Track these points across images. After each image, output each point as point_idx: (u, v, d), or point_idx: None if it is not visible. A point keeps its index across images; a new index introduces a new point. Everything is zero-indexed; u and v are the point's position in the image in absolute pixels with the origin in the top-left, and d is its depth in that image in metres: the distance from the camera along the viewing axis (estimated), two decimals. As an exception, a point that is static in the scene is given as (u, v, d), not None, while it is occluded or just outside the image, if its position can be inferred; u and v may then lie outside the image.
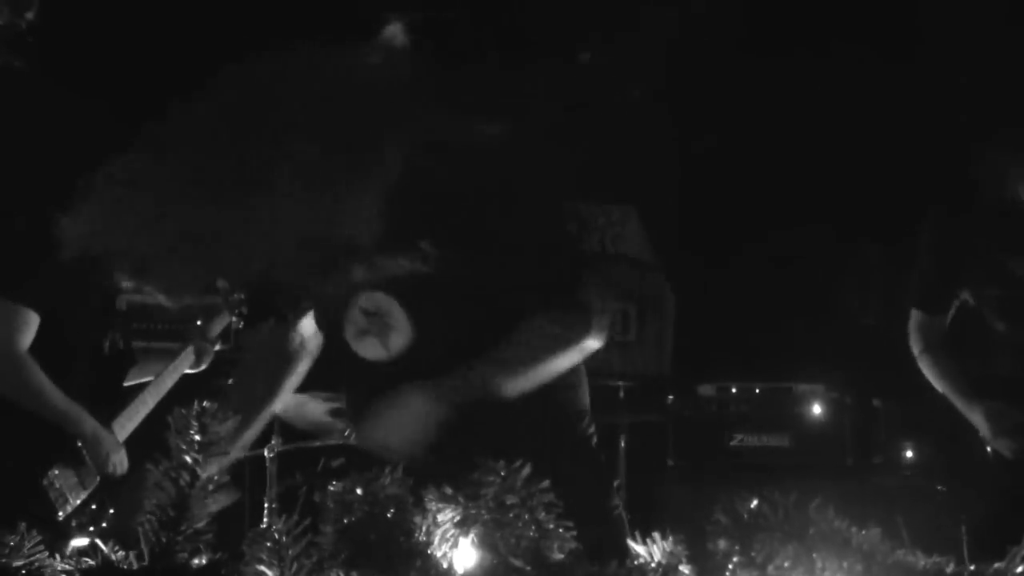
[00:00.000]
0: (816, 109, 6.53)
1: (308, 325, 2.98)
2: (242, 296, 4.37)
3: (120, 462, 3.89)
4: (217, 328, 4.37)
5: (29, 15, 2.25)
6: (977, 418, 3.93)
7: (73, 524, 3.79)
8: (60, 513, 3.76)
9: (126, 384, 4.18)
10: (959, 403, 4.00)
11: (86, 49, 5.99)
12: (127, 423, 4.03)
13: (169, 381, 4.19)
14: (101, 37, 6.15)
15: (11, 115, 5.57)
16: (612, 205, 6.96)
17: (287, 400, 3.28)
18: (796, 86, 6.55)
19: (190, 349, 4.29)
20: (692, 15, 6.53)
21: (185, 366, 4.28)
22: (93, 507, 3.88)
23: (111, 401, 4.08)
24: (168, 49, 6.45)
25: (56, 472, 3.79)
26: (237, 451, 3.05)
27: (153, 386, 4.15)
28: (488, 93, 2.57)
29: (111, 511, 3.89)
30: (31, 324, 3.81)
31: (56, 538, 2.24)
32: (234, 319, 4.38)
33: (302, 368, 3.03)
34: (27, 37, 2.28)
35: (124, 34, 6.28)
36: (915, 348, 4.12)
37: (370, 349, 2.69)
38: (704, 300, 6.96)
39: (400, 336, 2.66)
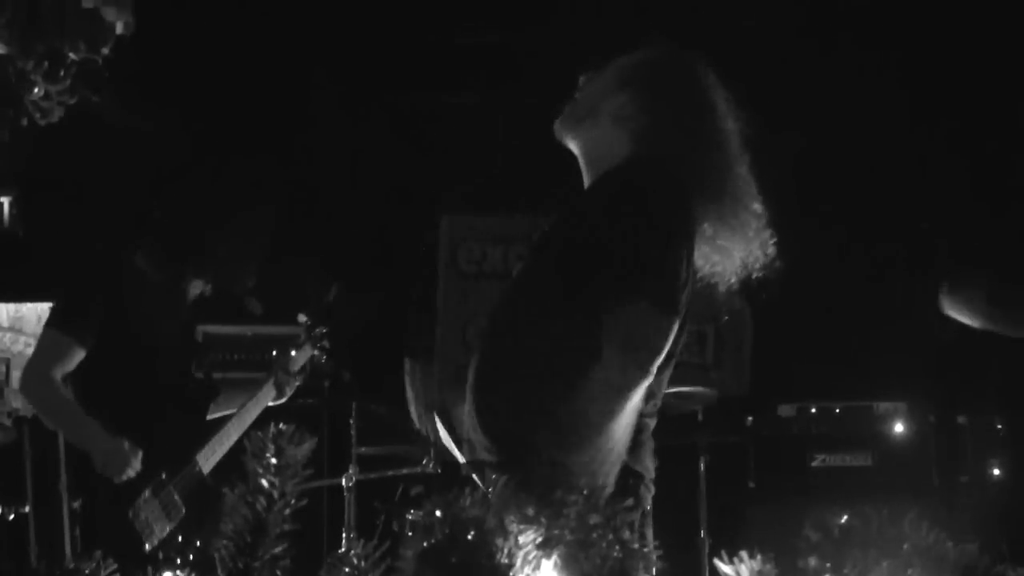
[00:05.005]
0: (899, 125, 6.44)
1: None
2: (324, 330, 4.41)
3: (133, 467, 3.83)
4: (299, 361, 4.39)
5: (105, 50, 2.26)
6: None
7: (160, 557, 3.79)
8: (147, 545, 3.77)
9: (209, 417, 4.19)
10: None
11: (160, 85, 6.06)
12: (211, 455, 4.03)
13: (253, 414, 4.20)
14: (175, 73, 6.22)
15: (83, 154, 5.64)
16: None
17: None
18: (881, 100, 6.47)
19: (271, 382, 4.30)
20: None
21: (267, 399, 4.28)
22: (180, 539, 3.87)
23: (196, 434, 4.09)
24: (239, 82, 6.51)
25: (142, 504, 3.79)
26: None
27: (236, 419, 4.15)
28: None
29: (195, 541, 3.89)
30: (71, 354, 3.91)
31: (144, 571, 2.23)
32: (316, 352, 4.42)
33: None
34: (104, 72, 2.28)
35: (196, 69, 6.34)
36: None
37: None
38: (783, 319, 6.87)
39: None
